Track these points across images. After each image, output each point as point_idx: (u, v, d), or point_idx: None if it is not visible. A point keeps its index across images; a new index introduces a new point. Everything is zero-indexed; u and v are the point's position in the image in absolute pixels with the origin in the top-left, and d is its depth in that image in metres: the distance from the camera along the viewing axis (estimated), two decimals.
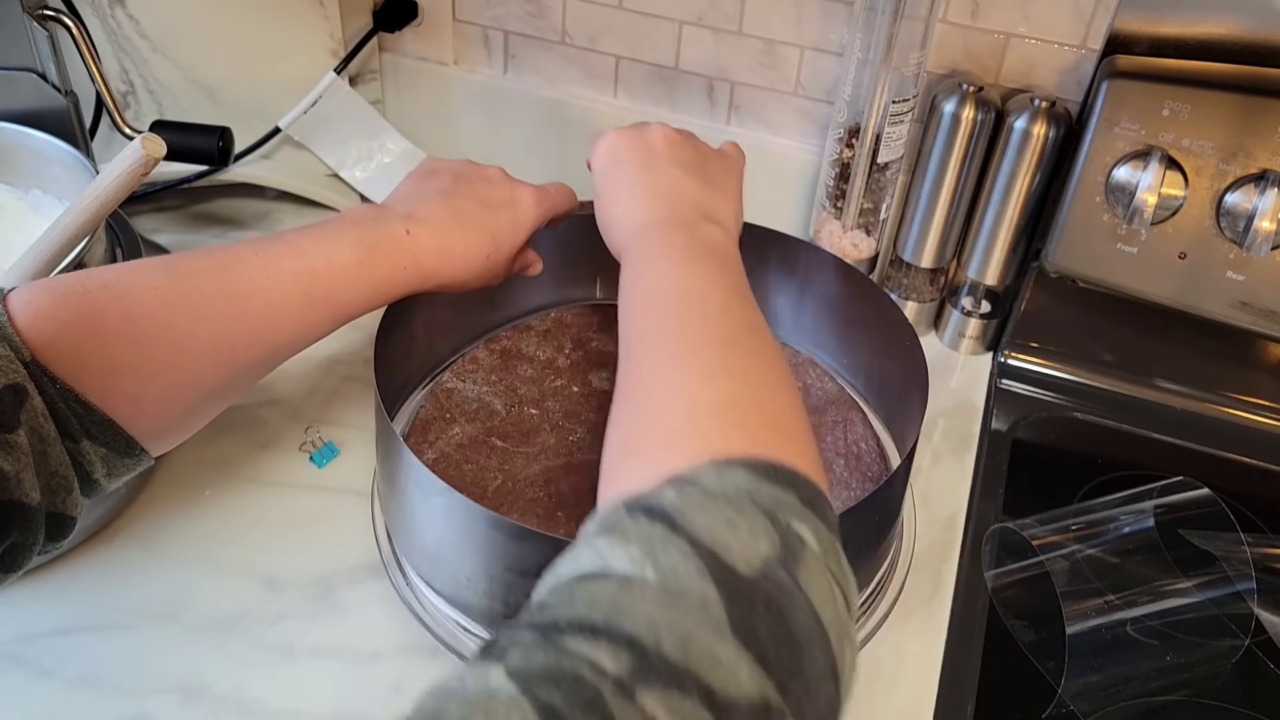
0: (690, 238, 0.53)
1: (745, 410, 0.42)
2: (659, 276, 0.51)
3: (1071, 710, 0.58)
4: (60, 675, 0.56)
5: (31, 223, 0.67)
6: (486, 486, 0.62)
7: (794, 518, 0.37)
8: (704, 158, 0.60)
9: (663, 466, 0.38)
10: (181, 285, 0.50)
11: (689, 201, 0.56)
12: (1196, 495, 0.67)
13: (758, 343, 0.47)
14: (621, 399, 0.45)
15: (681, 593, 0.32)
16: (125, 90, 0.83)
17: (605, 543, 0.35)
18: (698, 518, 0.35)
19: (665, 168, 0.58)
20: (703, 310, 0.48)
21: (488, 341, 0.73)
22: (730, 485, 0.37)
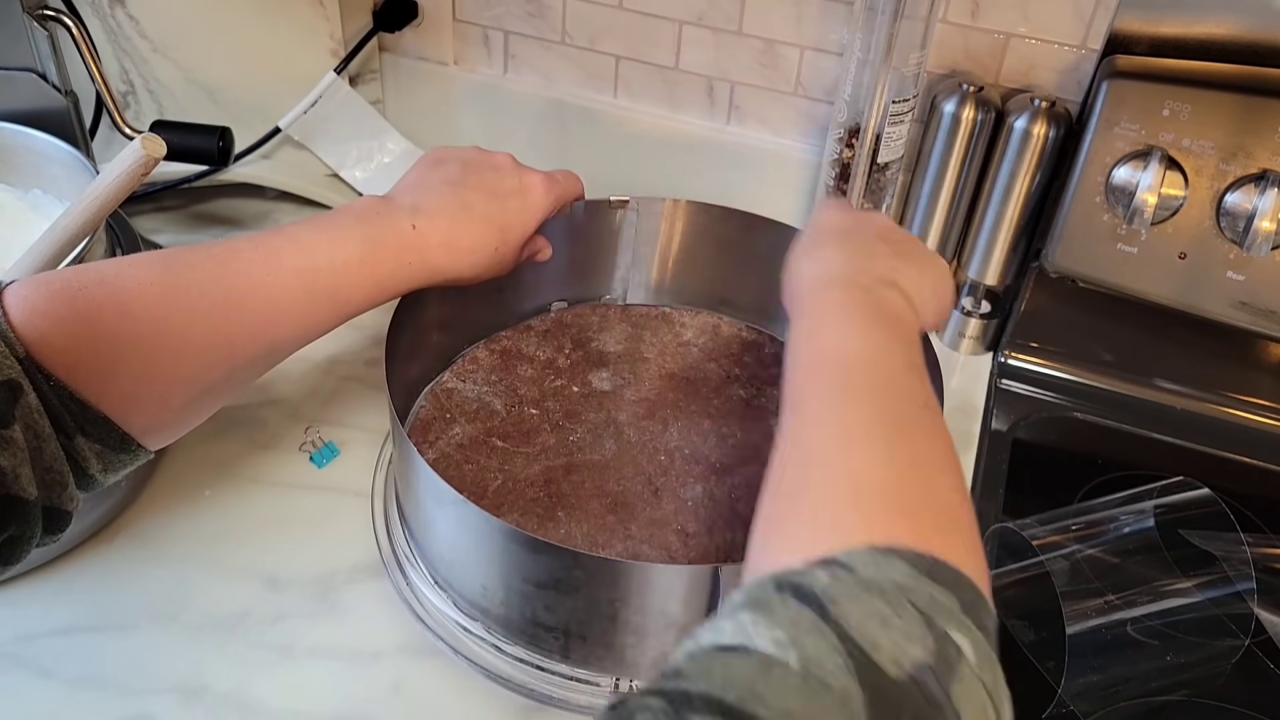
0: (872, 302, 0.51)
1: (912, 497, 0.40)
2: (833, 337, 0.48)
3: (1071, 710, 0.58)
4: (60, 675, 0.56)
5: (31, 223, 0.67)
6: (487, 487, 0.62)
7: (952, 625, 0.34)
8: (914, 244, 0.58)
9: (818, 545, 0.36)
10: (178, 281, 0.49)
11: (880, 267, 0.53)
12: (1196, 495, 0.67)
13: (929, 424, 0.44)
14: (782, 463, 0.43)
15: (823, 686, 0.31)
16: (125, 90, 0.83)
17: (750, 618, 0.33)
18: (850, 608, 0.33)
19: (870, 239, 0.56)
20: (876, 383, 0.45)
21: (488, 341, 0.73)
22: (887, 578, 0.35)
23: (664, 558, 0.59)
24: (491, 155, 0.63)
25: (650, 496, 0.63)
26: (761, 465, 0.64)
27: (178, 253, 0.51)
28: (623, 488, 0.63)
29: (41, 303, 0.45)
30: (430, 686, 0.57)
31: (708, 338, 0.75)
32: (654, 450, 0.66)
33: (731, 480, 0.64)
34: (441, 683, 0.57)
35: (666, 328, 0.75)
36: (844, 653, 0.32)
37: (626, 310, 0.76)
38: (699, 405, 0.69)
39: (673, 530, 0.60)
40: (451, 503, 0.53)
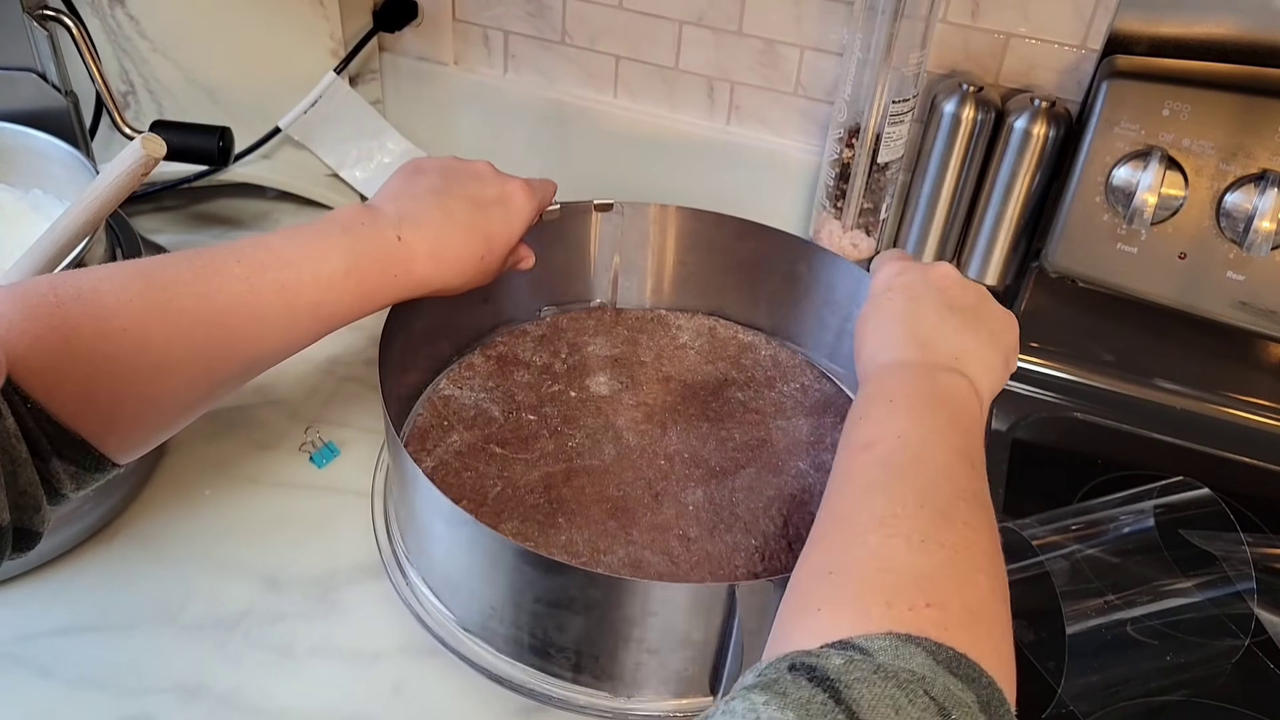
0: (932, 387, 0.50)
1: (944, 589, 0.39)
2: (887, 422, 0.48)
3: (1071, 710, 0.58)
4: (60, 675, 0.56)
5: (31, 223, 0.67)
6: (486, 494, 0.62)
7: (966, 717, 0.34)
8: (982, 306, 0.57)
9: (838, 627, 0.36)
10: (159, 297, 0.47)
11: (945, 349, 0.52)
12: (1196, 495, 0.67)
13: (975, 516, 0.43)
14: (817, 540, 0.42)
15: None
16: (125, 90, 0.83)
17: (761, 699, 0.33)
18: (863, 692, 0.33)
19: (934, 308, 0.54)
20: (925, 470, 0.44)
21: (483, 348, 0.73)
22: (904, 666, 0.34)
23: (666, 563, 0.59)
24: (470, 164, 0.62)
25: (651, 501, 0.62)
26: (761, 467, 0.65)
27: (158, 265, 0.50)
28: (623, 493, 0.63)
29: (18, 320, 0.43)
30: (430, 687, 0.57)
31: (704, 340, 0.75)
32: (653, 455, 0.66)
33: (732, 483, 0.64)
34: (441, 683, 0.57)
35: (663, 331, 0.75)
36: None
37: (622, 314, 0.76)
38: (697, 408, 0.69)
39: (674, 535, 0.60)
40: (460, 523, 0.52)
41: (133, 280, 0.48)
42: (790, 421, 0.68)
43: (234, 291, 0.50)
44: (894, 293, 0.56)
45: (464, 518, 0.51)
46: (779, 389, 0.71)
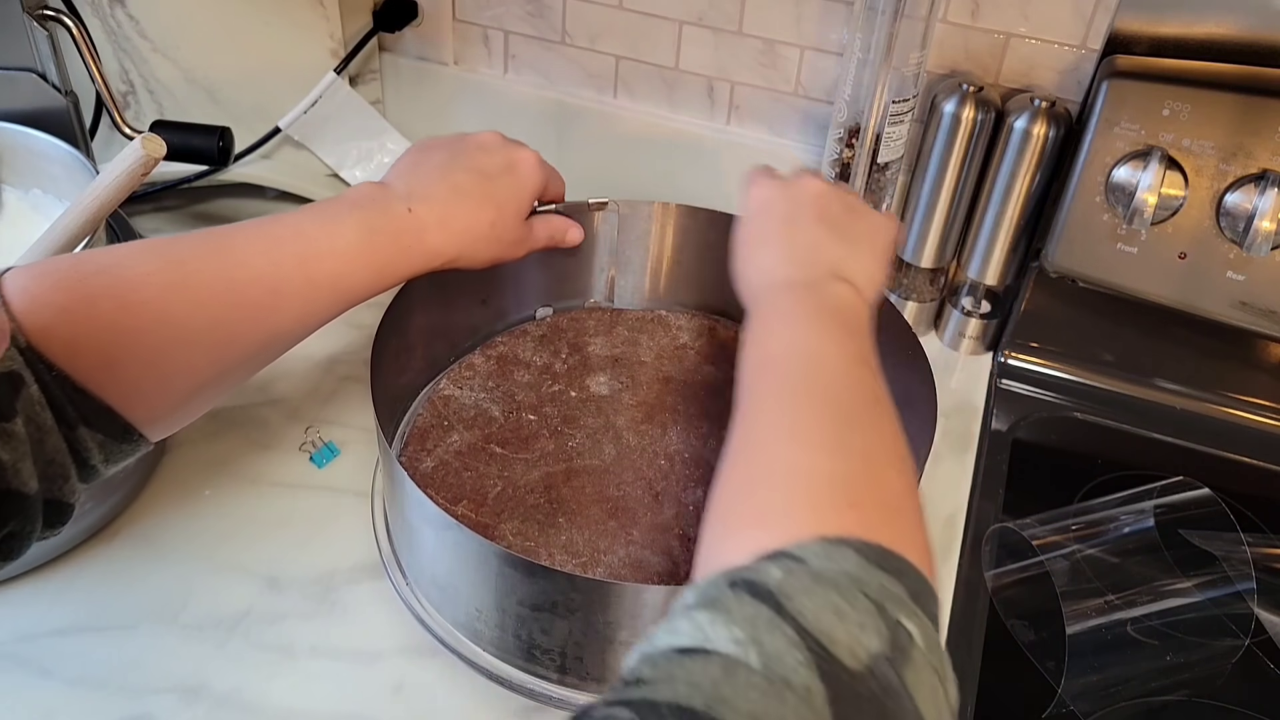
0: (819, 300, 0.51)
1: (860, 489, 0.40)
2: (783, 338, 0.49)
3: (1071, 710, 0.58)
4: (60, 675, 0.56)
5: (32, 223, 0.67)
6: (486, 494, 0.62)
7: (902, 613, 0.35)
8: (852, 214, 0.58)
9: (769, 540, 0.37)
10: (179, 270, 0.49)
11: (825, 261, 0.54)
12: (1196, 495, 0.67)
13: (879, 418, 0.45)
14: (731, 461, 0.43)
15: (786, 684, 0.31)
16: (125, 90, 0.83)
17: (706, 618, 0.33)
18: (805, 602, 0.34)
19: (809, 225, 0.56)
20: (825, 379, 0.46)
21: (483, 347, 0.73)
22: (839, 569, 0.35)
23: (667, 563, 0.59)
24: (477, 136, 0.63)
25: (651, 501, 0.62)
26: None
27: (178, 241, 0.51)
28: (623, 493, 0.63)
29: (42, 293, 0.45)
30: (430, 687, 0.57)
31: (704, 340, 0.75)
32: (654, 455, 0.66)
33: None
34: (441, 683, 0.57)
35: (663, 331, 0.75)
36: (803, 647, 0.32)
37: (622, 314, 0.76)
38: (698, 408, 0.69)
39: (675, 535, 0.60)
40: (443, 526, 0.52)
41: (154, 255, 0.49)
42: None
43: (253, 265, 0.51)
44: (767, 214, 0.57)
45: (447, 520, 0.51)
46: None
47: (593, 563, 0.59)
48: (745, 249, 0.57)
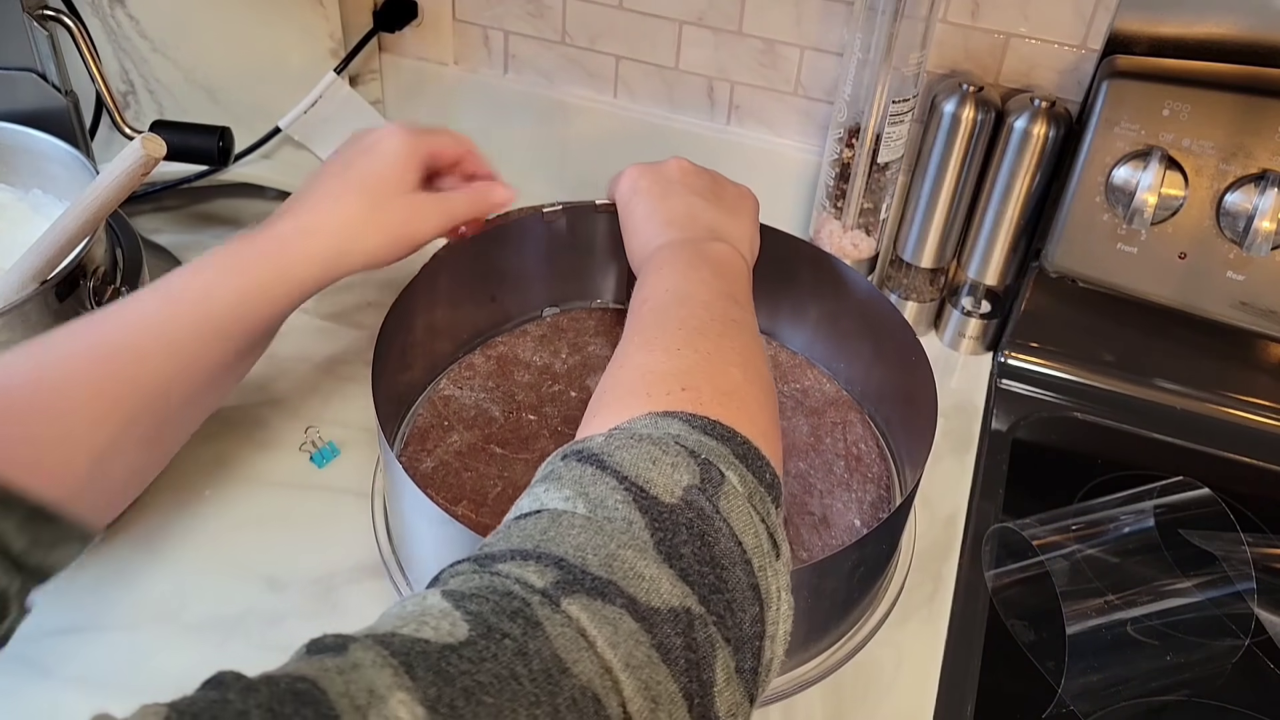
0: (695, 251, 0.55)
1: (697, 379, 0.43)
2: (657, 284, 0.53)
3: (1071, 710, 0.58)
4: (60, 675, 0.56)
5: (32, 223, 0.67)
6: (487, 494, 0.62)
7: (718, 460, 0.38)
8: (719, 185, 0.63)
9: (606, 424, 0.41)
10: (46, 347, 0.47)
11: (702, 224, 0.58)
12: (1196, 495, 0.67)
13: (733, 333, 0.48)
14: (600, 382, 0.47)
15: (608, 519, 0.35)
16: (125, 90, 0.83)
17: (542, 488, 0.38)
18: (623, 455, 0.37)
19: (681, 195, 0.60)
20: (686, 305, 0.50)
21: (483, 347, 0.72)
22: (660, 430, 0.39)
23: None
24: (361, 131, 0.60)
25: None
26: None
27: (59, 329, 0.49)
28: None
29: None
30: None
31: None
32: None
33: None
34: None
35: None
36: (622, 490, 0.36)
37: (622, 314, 0.76)
38: None
39: None
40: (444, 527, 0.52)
41: (31, 346, 0.47)
42: (790, 422, 0.68)
43: (121, 324, 0.49)
44: (640, 195, 0.61)
45: (448, 520, 0.51)
46: (779, 389, 0.71)
47: None
48: (629, 228, 0.61)
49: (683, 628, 0.33)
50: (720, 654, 0.34)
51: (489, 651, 0.29)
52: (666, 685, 0.32)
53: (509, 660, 0.29)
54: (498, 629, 0.30)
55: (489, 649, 0.29)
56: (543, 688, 0.29)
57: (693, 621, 0.33)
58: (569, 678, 0.30)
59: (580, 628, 0.31)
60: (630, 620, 0.32)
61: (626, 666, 0.31)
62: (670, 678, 0.32)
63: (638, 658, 0.32)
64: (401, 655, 0.29)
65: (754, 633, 0.35)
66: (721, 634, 0.34)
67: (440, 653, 0.29)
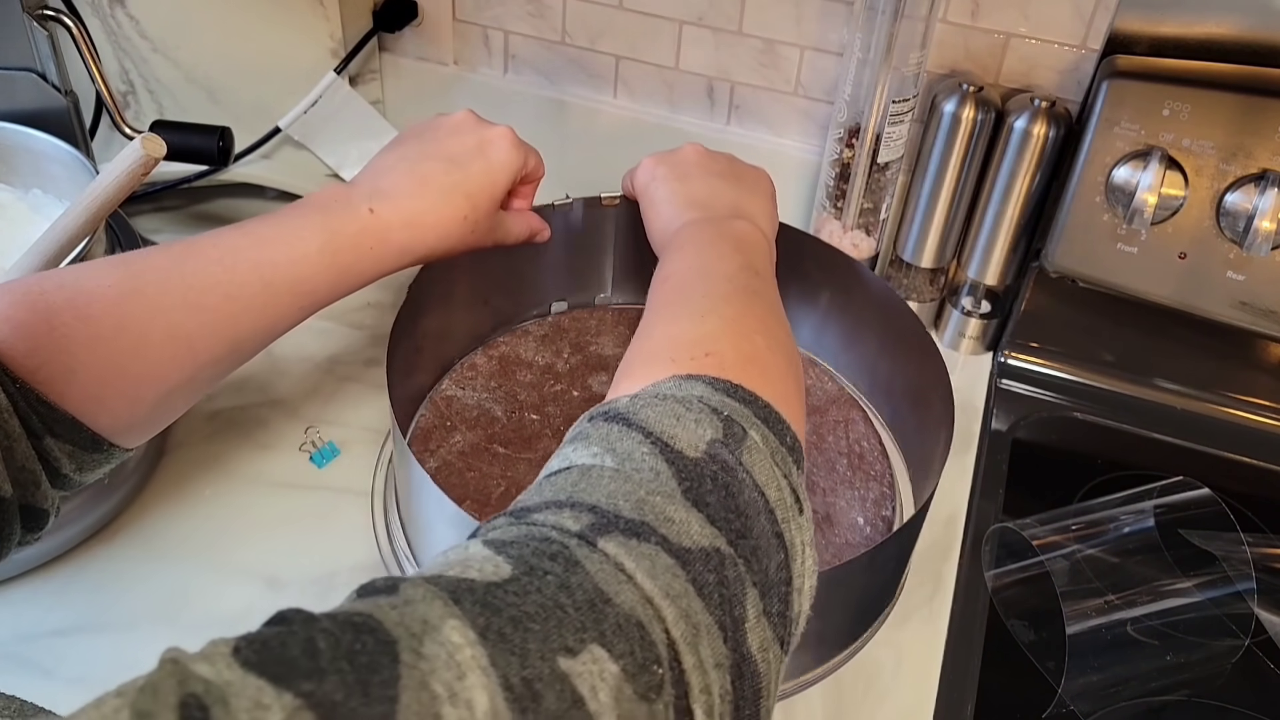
0: (718, 229, 0.56)
1: (721, 344, 0.44)
2: (680, 260, 0.54)
3: (1071, 710, 0.58)
4: (60, 675, 0.56)
5: (32, 223, 0.67)
6: (490, 494, 0.62)
7: (741, 419, 0.39)
8: (736, 166, 0.63)
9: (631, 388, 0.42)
10: (137, 281, 0.49)
11: (723, 204, 0.59)
12: (1196, 495, 0.67)
13: (755, 302, 0.48)
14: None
15: (636, 470, 0.36)
16: (125, 90, 0.83)
17: (570, 448, 0.39)
18: (648, 413, 0.39)
19: (700, 177, 0.61)
20: (708, 278, 0.51)
21: (485, 348, 0.72)
22: (685, 391, 0.40)
23: None
24: (450, 117, 0.61)
25: None
26: None
27: (139, 253, 0.51)
28: None
29: (4, 308, 0.45)
30: None
31: None
32: None
33: None
34: None
35: None
36: (649, 444, 0.37)
37: (624, 312, 0.76)
38: None
39: None
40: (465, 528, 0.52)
41: (112, 267, 0.49)
42: None
43: (209, 272, 0.50)
44: (659, 180, 0.62)
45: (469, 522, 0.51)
46: None
47: None
48: (650, 212, 0.62)
49: (714, 565, 0.34)
50: (750, 593, 0.35)
51: (533, 586, 0.30)
52: (703, 616, 0.33)
53: (553, 593, 0.30)
54: (539, 568, 0.31)
55: (533, 583, 0.30)
56: (587, 615, 0.30)
57: (723, 560, 0.34)
58: (612, 606, 0.31)
59: (618, 563, 0.32)
60: (665, 556, 0.33)
61: (666, 595, 0.32)
62: (705, 610, 0.33)
63: (675, 589, 0.33)
64: (450, 590, 0.29)
65: (780, 578, 0.37)
66: (750, 576, 0.35)
67: (486, 589, 0.30)
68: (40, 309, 0.46)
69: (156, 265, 0.50)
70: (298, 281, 0.53)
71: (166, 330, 0.49)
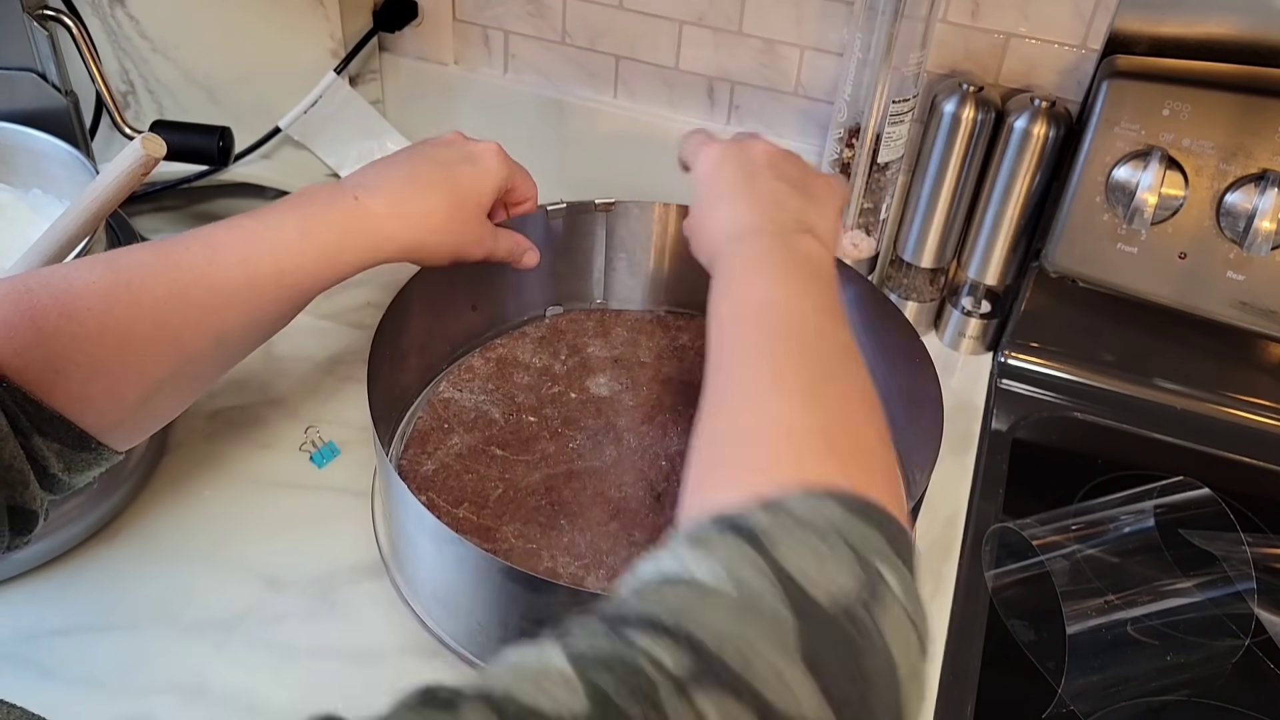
0: (787, 250, 0.52)
1: (838, 439, 0.42)
2: (753, 290, 0.49)
3: (1071, 710, 0.58)
4: (60, 675, 0.56)
5: (32, 223, 0.67)
6: (488, 496, 0.62)
7: (879, 559, 0.36)
8: (806, 173, 0.59)
9: (753, 488, 0.38)
10: (120, 277, 0.49)
11: (789, 212, 0.54)
12: (1196, 495, 0.67)
13: (851, 369, 0.46)
14: (711, 413, 0.44)
15: (757, 610, 0.33)
16: (125, 90, 0.83)
17: (690, 553, 0.35)
18: (786, 543, 0.35)
19: (767, 179, 0.56)
20: (798, 331, 0.47)
21: (483, 349, 0.72)
22: (821, 517, 0.36)
23: None
24: (441, 136, 0.62)
25: (653, 502, 0.62)
26: None
27: (124, 251, 0.51)
28: (624, 494, 0.63)
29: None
30: None
31: (704, 341, 0.74)
32: (655, 455, 0.66)
33: None
34: None
35: (662, 332, 0.75)
36: (779, 584, 0.34)
37: (621, 315, 0.76)
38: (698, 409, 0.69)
39: None
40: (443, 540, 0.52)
41: (98, 265, 0.49)
42: None
43: (194, 267, 0.50)
44: (725, 171, 0.57)
45: (449, 534, 0.51)
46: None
47: (595, 564, 0.59)
48: (706, 206, 0.57)
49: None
50: None
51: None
52: None
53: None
54: (619, 711, 0.29)
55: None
56: None
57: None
58: None
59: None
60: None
61: None
62: None
63: None
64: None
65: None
66: None
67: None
68: (25, 307, 0.46)
69: (141, 261, 0.50)
70: (281, 273, 0.52)
71: (152, 325, 0.49)
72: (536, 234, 0.71)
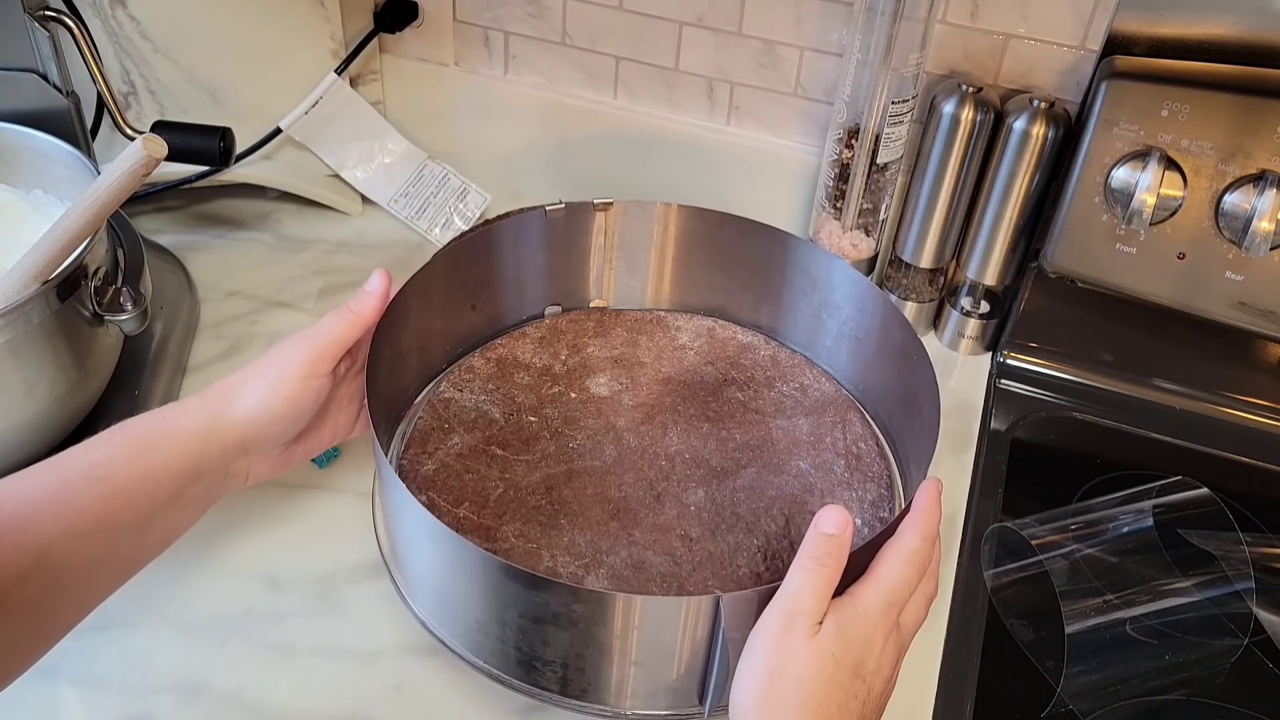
0: None
1: None
2: None
3: (1071, 710, 0.58)
4: (61, 675, 0.56)
5: (33, 223, 0.67)
6: (488, 496, 0.62)
7: None
8: (874, 689, 0.48)
9: None
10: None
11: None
12: (1196, 495, 0.67)
13: None
14: None
15: None
16: (126, 91, 0.83)
17: None
18: None
19: (844, 685, 0.47)
20: None
21: (483, 350, 0.73)
22: None
23: (669, 563, 0.59)
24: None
25: (652, 502, 0.63)
26: (761, 467, 0.65)
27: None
28: (624, 494, 0.63)
29: None
30: (431, 686, 0.57)
31: (703, 341, 0.75)
32: (654, 455, 0.66)
33: (733, 483, 0.64)
34: (442, 682, 0.57)
35: (662, 332, 0.75)
36: None
37: (621, 315, 0.76)
38: (697, 409, 0.69)
39: (676, 535, 0.60)
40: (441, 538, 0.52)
41: None
42: (790, 421, 0.69)
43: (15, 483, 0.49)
44: (825, 674, 0.46)
45: (449, 534, 0.51)
46: (779, 389, 0.71)
47: (595, 564, 0.59)
48: (766, 685, 0.46)
49: None
50: None
51: None
52: None
53: None
54: None
55: None
56: None
57: None
58: None
59: None
60: None
61: None
62: None
63: None
64: None
65: None
66: None
67: None
68: None
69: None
70: (93, 464, 0.50)
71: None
72: (536, 234, 0.71)
